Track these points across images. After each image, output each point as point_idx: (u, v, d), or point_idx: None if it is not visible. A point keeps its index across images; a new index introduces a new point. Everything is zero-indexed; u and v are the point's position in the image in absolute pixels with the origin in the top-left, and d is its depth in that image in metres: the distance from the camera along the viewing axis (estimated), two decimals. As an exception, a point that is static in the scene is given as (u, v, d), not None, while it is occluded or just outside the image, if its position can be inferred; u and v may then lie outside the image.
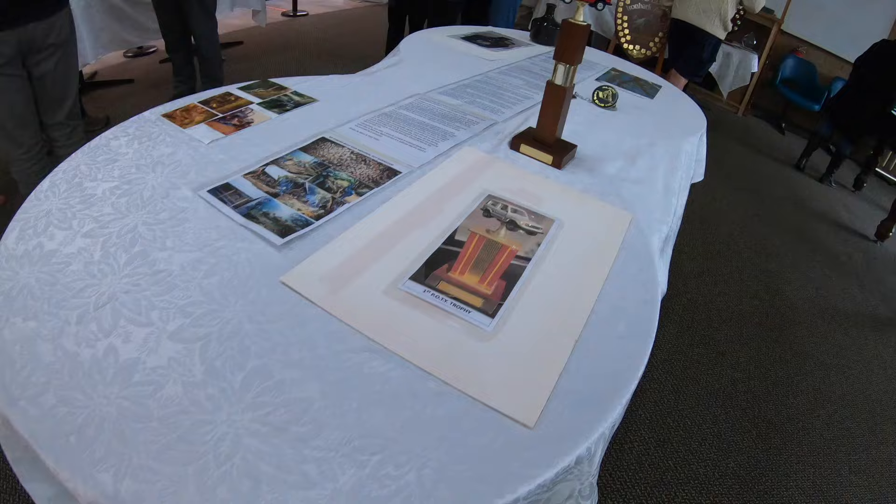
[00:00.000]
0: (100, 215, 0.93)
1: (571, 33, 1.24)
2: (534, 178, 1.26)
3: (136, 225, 0.92)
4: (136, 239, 0.89)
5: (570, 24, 1.24)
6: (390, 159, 1.25)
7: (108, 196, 0.98)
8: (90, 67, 4.12)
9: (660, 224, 1.28)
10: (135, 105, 3.92)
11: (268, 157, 1.19)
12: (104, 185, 1.01)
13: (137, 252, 0.86)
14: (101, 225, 0.91)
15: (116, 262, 0.84)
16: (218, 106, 1.42)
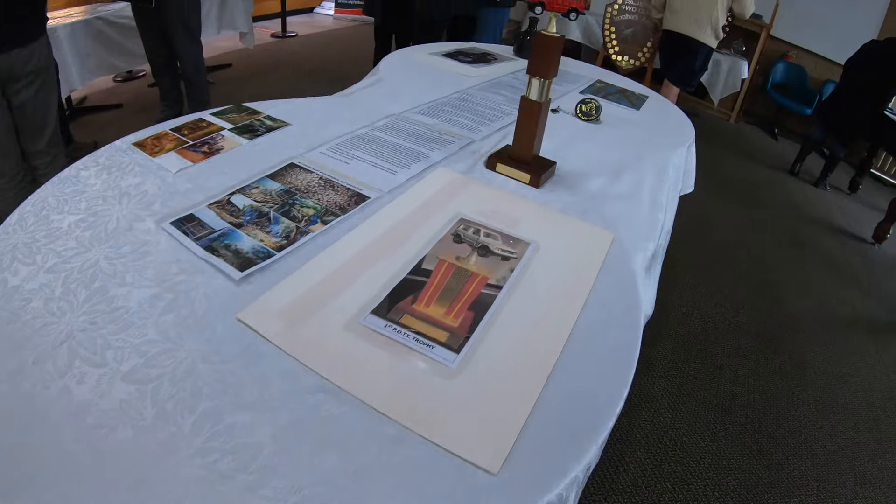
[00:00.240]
0: (63, 249, 0.91)
1: (544, 46, 1.19)
2: (510, 198, 1.21)
3: (97, 259, 0.89)
4: (97, 274, 0.86)
5: (542, 36, 1.19)
6: (359, 184, 1.20)
7: (73, 229, 0.96)
8: (79, 92, 4.11)
9: (645, 241, 1.24)
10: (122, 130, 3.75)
11: (234, 185, 1.16)
12: (70, 218, 0.99)
13: (97, 288, 0.84)
14: (64, 260, 0.89)
15: (76, 299, 0.81)
16: (189, 133, 1.39)
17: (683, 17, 4.33)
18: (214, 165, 1.23)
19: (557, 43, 1.19)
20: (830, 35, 5.74)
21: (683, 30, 4.35)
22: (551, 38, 1.19)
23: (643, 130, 1.85)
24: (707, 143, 5.23)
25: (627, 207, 1.32)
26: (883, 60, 4.33)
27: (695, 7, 4.24)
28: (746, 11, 4.28)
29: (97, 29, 3.80)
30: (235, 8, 4.78)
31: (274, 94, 4.70)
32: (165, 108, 3.93)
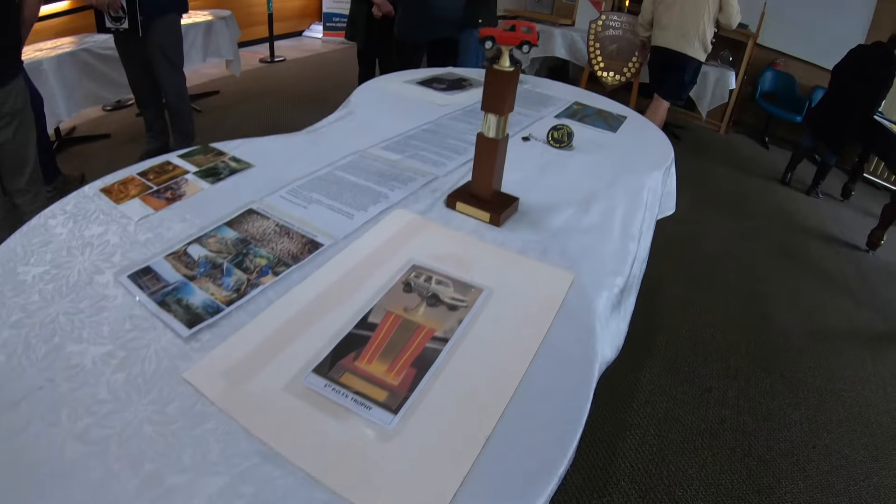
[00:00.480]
0: (27, 303, 0.92)
1: (498, 81, 1.16)
2: (466, 240, 1.19)
3: (57, 315, 0.90)
4: (56, 330, 0.87)
5: (495, 71, 1.16)
6: (314, 230, 1.18)
7: (37, 282, 0.96)
8: (67, 122, 4.13)
9: (613, 277, 1.21)
10: (110, 161, 3.91)
11: (193, 234, 1.15)
12: (35, 270, 0.99)
13: (56, 345, 0.84)
14: (28, 314, 0.89)
15: (35, 356, 0.82)
16: (155, 177, 1.40)
17: (671, 33, 4.36)
18: (176, 212, 1.23)
19: (510, 78, 1.15)
20: (818, 41, 5.74)
21: (672, 45, 4.38)
22: (504, 74, 1.15)
23: (618, 155, 1.83)
24: (697, 156, 5.22)
25: (594, 241, 1.29)
26: (870, 64, 4.34)
27: (682, 21, 4.26)
28: (733, 22, 4.30)
29: (83, 61, 3.82)
30: (221, 36, 4.79)
31: (259, 122, 4.77)
32: (151, 139, 3.93)
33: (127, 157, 3.82)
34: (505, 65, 1.16)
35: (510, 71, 1.16)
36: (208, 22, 4.70)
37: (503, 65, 1.16)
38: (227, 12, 5.00)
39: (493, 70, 1.16)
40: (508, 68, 1.16)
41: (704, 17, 4.25)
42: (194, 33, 4.57)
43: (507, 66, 1.16)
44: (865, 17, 5.53)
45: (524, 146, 1.80)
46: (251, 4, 7.23)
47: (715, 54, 5.57)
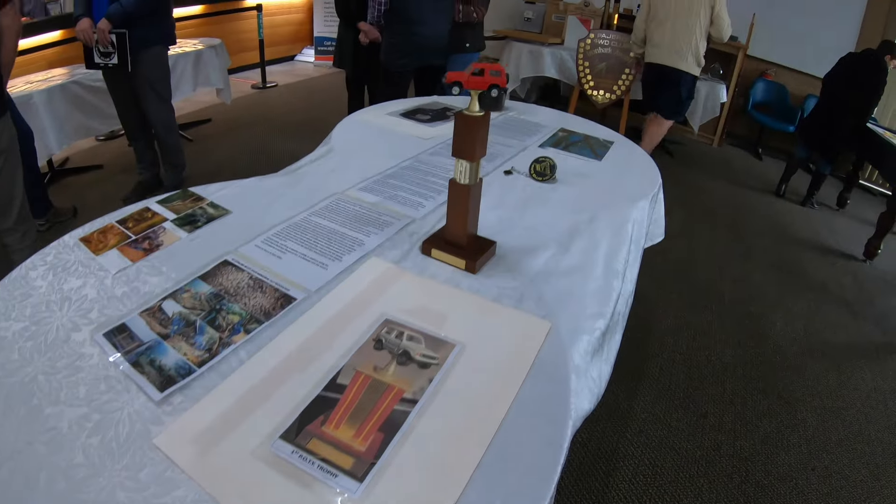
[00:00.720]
0: (7, 362, 0.92)
1: (467, 126, 1.14)
2: (441, 290, 1.17)
3: (36, 374, 0.90)
4: (35, 391, 0.87)
5: (463, 116, 1.14)
6: (288, 283, 1.17)
7: (16, 339, 0.97)
8: (60, 153, 4.13)
9: (594, 320, 1.19)
10: (102, 193, 3.92)
11: (168, 288, 1.15)
12: (15, 326, 1.00)
13: (34, 406, 0.84)
14: (8, 373, 0.90)
15: (16, 417, 0.82)
16: (134, 225, 1.40)
17: (664, 50, 4.40)
18: (153, 264, 1.23)
19: (480, 122, 1.13)
20: (807, 50, 5.76)
21: (665, 61, 4.42)
22: (474, 118, 1.13)
23: (602, 185, 1.81)
24: (690, 170, 5.21)
25: (574, 283, 1.27)
26: (861, 72, 4.34)
27: (674, 38, 4.31)
28: (724, 35, 4.35)
29: (73, 93, 3.83)
30: (210, 65, 4.81)
31: (249, 151, 4.78)
32: (143, 171, 3.94)
33: (119, 188, 3.85)
34: (474, 109, 1.15)
35: (479, 116, 1.14)
36: (197, 51, 4.72)
37: (472, 109, 1.15)
38: (216, 41, 5.02)
39: (462, 115, 1.15)
40: (478, 113, 1.14)
41: (696, 32, 4.29)
42: (183, 63, 4.58)
43: (476, 111, 1.14)
44: (854, 25, 5.55)
45: (506, 180, 1.79)
46: (242, 30, 7.28)
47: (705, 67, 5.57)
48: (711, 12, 4.26)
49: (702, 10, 4.25)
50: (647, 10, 4.52)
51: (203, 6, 6.71)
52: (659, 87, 4.61)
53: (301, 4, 8.27)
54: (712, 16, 4.27)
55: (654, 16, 4.46)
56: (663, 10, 4.38)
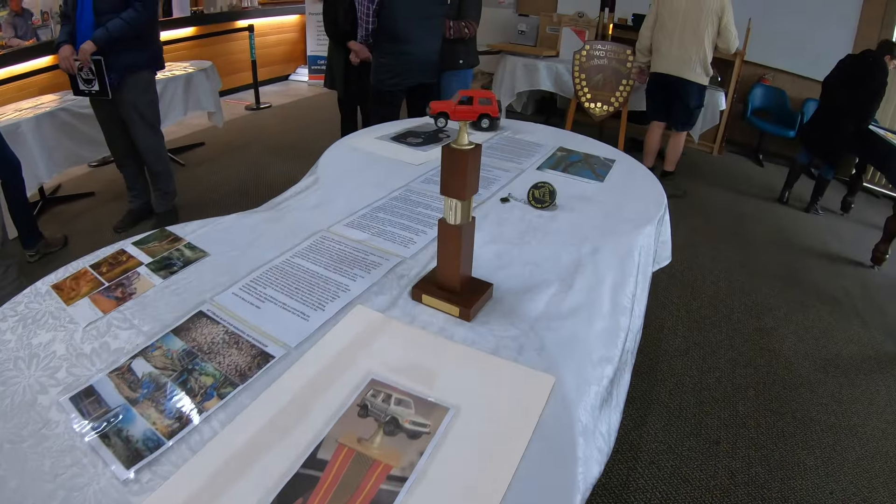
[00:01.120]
0: None
1: (455, 162, 1.04)
2: (433, 342, 1.07)
3: (2, 443, 0.85)
4: (1, 461, 0.81)
5: (450, 150, 1.03)
6: (266, 338, 1.07)
7: None
8: (53, 180, 4.10)
9: (602, 366, 1.09)
10: (93, 221, 3.85)
11: (139, 344, 1.07)
12: None
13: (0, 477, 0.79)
14: None
15: None
16: (107, 270, 1.34)
17: (672, 60, 4.37)
18: (124, 316, 1.16)
19: (470, 156, 1.03)
20: (805, 53, 5.70)
21: (672, 71, 4.39)
22: (461, 153, 1.02)
23: (605, 210, 1.72)
24: (691, 181, 5.13)
25: (579, 326, 1.17)
26: (861, 73, 4.27)
27: (682, 47, 4.28)
28: (731, 46, 4.32)
29: (62, 120, 3.76)
30: (201, 88, 4.73)
31: (243, 174, 4.71)
32: (134, 198, 3.86)
33: (111, 216, 3.77)
34: (463, 143, 1.05)
35: (468, 149, 1.03)
36: (188, 75, 4.64)
37: (461, 142, 1.04)
38: (207, 63, 4.95)
39: (449, 149, 1.04)
40: (467, 146, 1.04)
41: (705, 41, 4.27)
42: (173, 88, 4.51)
43: (465, 144, 1.04)
44: (850, 27, 5.49)
45: (503, 209, 1.69)
46: (234, 52, 7.23)
47: (704, 75, 5.54)
48: (719, 23, 4.24)
49: (710, 21, 4.24)
50: (653, 18, 4.50)
51: (194, 28, 6.67)
52: (667, 97, 4.58)
53: (293, 24, 8.23)
54: (720, 27, 4.26)
55: (662, 25, 4.43)
56: (671, 20, 4.35)
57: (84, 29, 3.10)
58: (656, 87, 4.65)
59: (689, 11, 4.28)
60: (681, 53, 4.35)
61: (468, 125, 1.04)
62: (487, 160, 2.02)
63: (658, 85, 4.61)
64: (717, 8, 4.21)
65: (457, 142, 1.05)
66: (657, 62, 4.54)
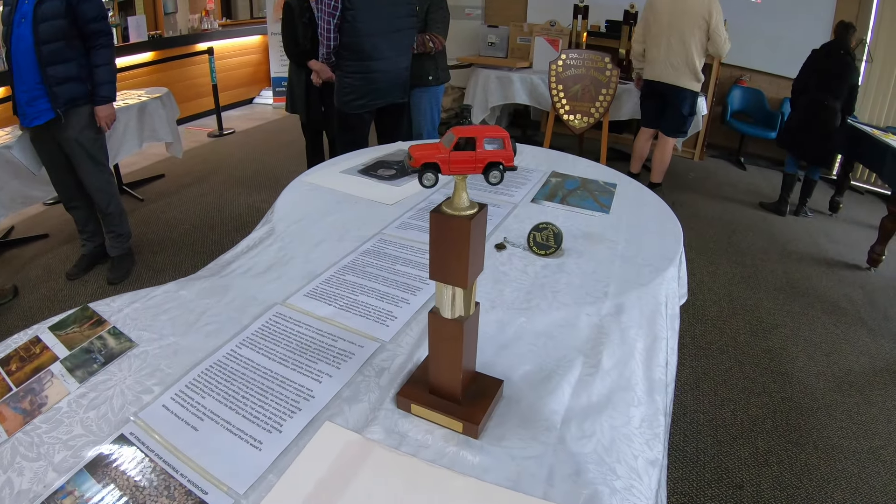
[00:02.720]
0: None
1: (452, 235, 0.73)
2: (430, 475, 0.78)
3: None
4: None
5: (444, 219, 0.73)
6: (205, 478, 0.79)
7: None
8: (6, 222, 3.83)
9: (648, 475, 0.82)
10: (46, 268, 3.57)
11: (47, 485, 0.80)
12: None
13: None
14: None
15: None
16: (17, 368, 1.08)
17: (660, 66, 4.28)
18: (32, 439, 0.89)
19: (475, 226, 0.72)
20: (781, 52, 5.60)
21: (662, 77, 4.29)
22: (460, 222, 0.72)
23: (619, 252, 1.45)
24: (677, 192, 4.97)
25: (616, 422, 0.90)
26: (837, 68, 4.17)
27: (671, 54, 4.18)
28: (722, 51, 4.25)
29: (6, 159, 3.38)
30: (156, 117, 4.38)
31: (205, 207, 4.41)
32: (86, 241, 3.55)
33: (64, 261, 3.50)
34: (461, 205, 0.76)
35: (472, 214, 0.74)
36: (141, 104, 4.29)
37: (458, 205, 0.75)
38: (163, 90, 4.60)
39: (441, 217, 0.74)
40: (468, 210, 0.75)
41: (692, 48, 4.16)
42: (126, 118, 4.15)
43: (463, 208, 0.75)
44: (825, 23, 5.38)
45: (499, 259, 1.42)
46: (194, 76, 6.90)
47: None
48: (708, 28, 4.13)
49: (697, 26, 4.12)
50: (643, 25, 4.41)
51: (152, 53, 6.33)
52: (660, 104, 4.47)
53: (256, 45, 7.93)
54: (709, 31, 4.14)
55: (649, 32, 4.34)
56: (656, 26, 4.25)
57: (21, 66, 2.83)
58: (648, 94, 4.53)
59: (674, 16, 4.15)
60: (668, 60, 4.24)
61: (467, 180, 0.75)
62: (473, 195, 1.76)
63: (650, 92, 4.49)
64: (704, 13, 4.07)
65: (452, 204, 0.76)
66: (648, 69, 4.42)
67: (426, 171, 0.72)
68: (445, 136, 0.77)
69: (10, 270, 3.54)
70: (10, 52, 2.87)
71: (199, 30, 7.08)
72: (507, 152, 0.73)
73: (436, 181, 0.74)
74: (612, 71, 4.43)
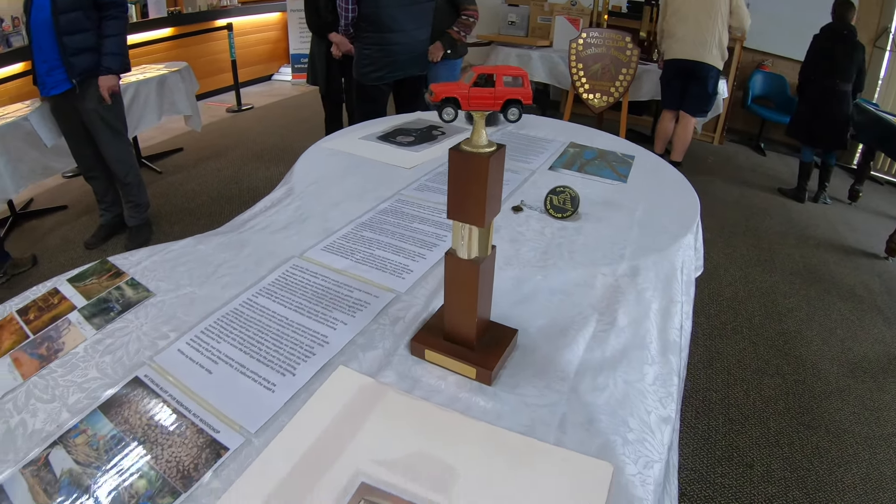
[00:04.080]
0: None
1: (470, 172, 0.73)
2: (443, 420, 0.78)
3: None
4: None
5: (463, 156, 0.73)
6: (218, 418, 0.80)
7: None
8: (25, 193, 3.84)
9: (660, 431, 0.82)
10: (65, 238, 3.61)
11: (61, 424, 0.81)
12: None
13: None
14: None
15: None
16: (36, 317, 1.09)
17: (688, 44, 4.24)
18: (47, 382, 0.90)
19: (493, 163, 0.72)
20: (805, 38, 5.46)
21: (690, 55, 4.25)
22: (479, 158, 0.72)
23: (637, 218, 1.45)
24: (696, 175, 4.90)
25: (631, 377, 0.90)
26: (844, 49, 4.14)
27: (698, 30, 4.16)
28: (745, 23, 4.24)
29: (26, 131, 3.43)
30: (176, 91, 4.41)
31: (222, 180, 4.43)
32: (105, 212, 3.58)
33: (83, 231, 3.51)
34: (480, 143, 0.74)
35: (490, 152, 0.73)
36: (161, 77, 4.32)
37: (477, 143, 0.74)
38: (182, 64, 4.63)
39: (460, 154, 0.73)
40: (485, 148, 0.74)
41: (718, 22, 4.15)
42: (146, 91, 4.19)
43: (482, 146, 0.74)
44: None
45: (516, 221, 1.41)
46: (214, 52, 6.91)
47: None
48: (731, 3, 4.14)
49: (723, 1, 4.14)
50: (665, 4, 4.40)
51: (171, 29, 6.34)
52: (683, 84, 4.44)
53: (275, 22, 7.91)
54: (731, 6, 4.15)
55: (676, 10, 4.30)
56: (685, 4, 4.23)
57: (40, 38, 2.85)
58: (672, 75, 4.48)
59: None
60: (697, 36, 4.20)
61: (485, 118, 0.73)
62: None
63: (673, 72, 4.44)
64: None
65: (471, 142, 0.75)
66: (673, 48, 4.37)
67: (446, 105, 0.72)
68: (466, 73, 0.76)
69: (30, 240, 3.59)
70: (29, 22, 2.88)
71: (219, 6, 7.07)
72: (526, 90, 0.72)
73: (455, 116, 0.74)
74: (632, 50, 4.38)
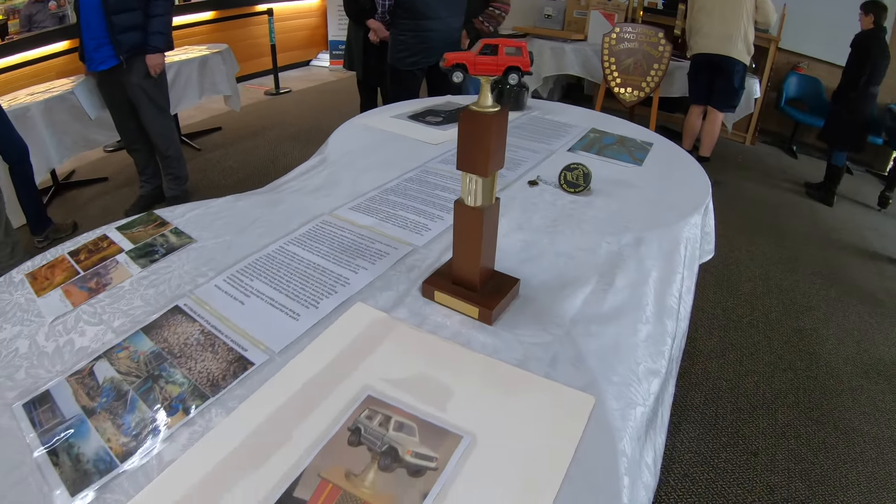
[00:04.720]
0: None
1: (476, 128, 0.83)
2: (446, 350, 0.89)
3: None
4: None
5: (470, 114, 0.84)
6: (247, 340, 0.90)
7: None
8: (67, 165, 4.01)
9: (647, 381, 0.90)
10: (104, 207, 3.75)
11: (106, 342, 0.93)
12: None
13: None
14: None
15: None
16: (86, 258, 1.21)
17: (714, 38, 4.25)
18: (94, 310, 1.02)
19: (495, 121, 0.83)
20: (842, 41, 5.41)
21: (716, 50, 4.26)
22: (483, 116, 0.82)
23: (646, 197, 1.52)
24: (724, 172, 4.92)
25: (622, 330, 0.98)
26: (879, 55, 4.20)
27: (723, 24, 4.17)
28: (770, 19, 4.24)
29: (71, 104, 3.61)
30: (217, 71, 4.57)
31: (259, 159, 4.57)
32: (145, 183, 3.74)
33: (122, 201, 3.66)
34: (485, 103, 0.84)
35: (493, 112, 0.83)
36: (203, 57, 4.48)
37: (483, 103, 0.84)
38: (223, 46, 4.79)
39: (469, 113, 0.84)
40: (490, 108, 0.84)
41: (744, 17, 4.16)
42: (188, 70, 4.35)
43: (487, 105, 0.84)
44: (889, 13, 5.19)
45: (531, 193, 1.50)
46: (254, 36, 7.07)
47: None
48: None
49: None
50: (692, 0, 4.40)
51: (212, 12, 6.51)
52: (709, 79, 4.44)
53: (314, 8, 8.05)
54: (757, 1, 4.16)
55: (702, 6, 4.31)
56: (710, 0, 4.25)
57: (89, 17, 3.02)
58: (698, 70, 4.49)
59: None
60: (723, 30, 4.20)
61: (491, 82, 0.84)
62: (513, 140, 1.84)
63: (700, 67, 4.45)
64: None
65: (478, 103, 0.85)
66: (698, 43, 4.38)
67: (456, 69, 0.82)
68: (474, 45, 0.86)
69: (71, 208, 3.76)
70: (78, 2, 3.05)
71: (260, -9, 7.24)
72: (524, 59, 0.82)
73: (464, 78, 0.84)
74: (665, 46, 4.40)
